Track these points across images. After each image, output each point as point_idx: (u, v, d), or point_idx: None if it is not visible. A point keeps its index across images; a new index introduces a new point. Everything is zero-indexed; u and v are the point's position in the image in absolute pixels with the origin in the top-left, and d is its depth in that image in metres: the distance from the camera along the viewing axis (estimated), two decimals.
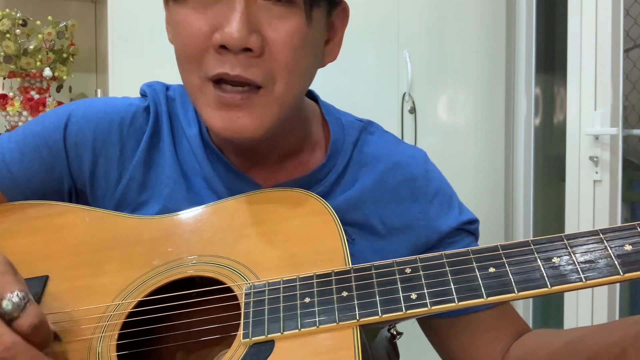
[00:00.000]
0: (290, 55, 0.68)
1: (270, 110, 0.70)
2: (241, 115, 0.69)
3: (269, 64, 0.68)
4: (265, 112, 0.70)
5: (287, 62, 0.68)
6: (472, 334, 0.82)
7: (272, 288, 0.66)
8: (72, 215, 0.80)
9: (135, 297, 0.70)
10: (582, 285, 0.58)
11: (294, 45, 0.68)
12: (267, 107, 0.70)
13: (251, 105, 0.69)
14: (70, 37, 2.01)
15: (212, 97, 0.70)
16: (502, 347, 0.81)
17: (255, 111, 0.69)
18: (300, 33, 0.68)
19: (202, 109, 0.71)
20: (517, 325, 0.83)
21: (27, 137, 0.82)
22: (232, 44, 0.66)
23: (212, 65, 0.68)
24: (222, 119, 0.69)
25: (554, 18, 2.50)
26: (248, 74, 0.67)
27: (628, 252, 0.58)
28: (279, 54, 0.68)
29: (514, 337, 0.82)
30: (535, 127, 2.48)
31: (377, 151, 0.85)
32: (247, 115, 0.69)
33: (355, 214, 0.81)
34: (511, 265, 0.61)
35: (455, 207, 0.85)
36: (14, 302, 0.59)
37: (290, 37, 0.68)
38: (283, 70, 0.69)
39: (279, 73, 0.69)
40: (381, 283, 0.63)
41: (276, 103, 0.70)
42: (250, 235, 0.73)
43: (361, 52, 2.24)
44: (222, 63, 0.67)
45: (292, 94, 0.71)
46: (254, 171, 0.81)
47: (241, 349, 0.62)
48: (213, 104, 0.70)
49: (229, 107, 0.69)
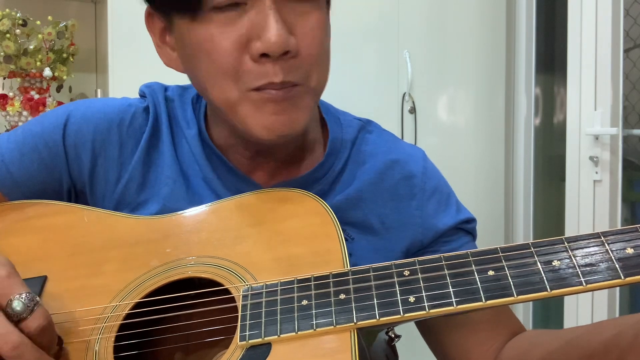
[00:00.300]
0: (319, 48, 0.70)
1: (309, 102, 0.72)
2: (291, 112, 0.70)
3: (304, 60, 0.69)
4: (306, 104, 0.72)
5: (318, 55, 0.70)
6: (467, 333, 0.81)
7: (270, 290, 0.66)
8: (71, 215, 0.79)
9: (134, 298, 0.70)
10: (583, 289, 0.57)
11: (321, 37, 0.70)
12: (305, 99, 0.71)
13: (295, 99, 0.70)
14: (70, 37, 2.01)
15: (259, 100, 0.69)
16: (496, 346, 0.81)
17: (299, 104, 0.71)
18: (323, 24, 0.70)
19: (248, 117, 0.70)
20: (512, 325, 0.83)
21: (27, 138, 0.82)
22: (275, 49, 0.66)
23: (253, 77, 0.68)
24: (273, 116, 0.69)
25: (554, 18, 2.49)
26: (290, 77, 0.68)
27: (630, 255, 0.57)
28: (310, 48, 0.69)
29: (509, 337, 0.81)
30: (535, 127, 2.48)
31: (375, 149, 0.85)
32: (293, 109, 0.70)
33: (354, 213, 0.81)
34: (510, 269, 0.60)
35: (452, 205, 0.85)
36: (24, 302, 0.60)
37: (316, 31, 0.69)
38: (315, 63, 0.70)
39: (312, 67, 0.70)
40: (379, 286, 0.63)
41: (312, 95, 0.72)
42: (248, 236, 0.73)
43: (361, 52, 2.24)
44: (265, 72, 0.67)
45: (323, 84, 0.74)
46: (253, 171, 0.81)
47: (238, 352, 0.62)
48: (262, 107, 0.69)
49: (280, 105, 0.69)
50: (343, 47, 2.17)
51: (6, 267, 0.63)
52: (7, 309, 0.60)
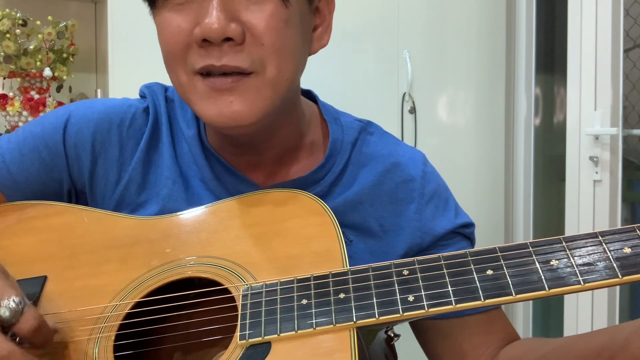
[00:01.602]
0: (274, 37, 0.68)
1: (264, 94, 0.70)
2: (234, 99, 0.69)
3: (254, 49, 0.68)
4: (259, 95, 0.69)
5: (272, 44, 0.68)
6: (461, 337, 0.81)
7: (269, 289, 0.66)
8: (70, 215, 0.80)
9: (133, 298, 0.70)
10: (581, 288, 0.57)
11: (276, 26, 0.68)
12: (260, 90, 0.69)
13: (244, 89, 0.69)
14: (70, 37, 2.01)
15: (203, 88, 0.70)
16: (490, 352, 0.81)
17: (248, 95, 0.69)
18: (279, 14, 0.68)
19: (195, 103, 0.71)
20: (506, 330, 0.83)
21: (27, 138, 0.82)
22: (213, 34, 0.66)
23: (196, 60, 0.68)
24: (215, 105, 0.69)
25: (554, 18, 2.49)
26: (234, 61, 0.67)
27: (627, 254, 0.58)
28: (263, 37, 0.68)
29: (503, 343, 0.81)
30: (535, 127, 2.48)
31: (376, 152, 0.85)
32: (239, 99, 0.69)
33: (353, 215, 0.81)
34: (509, 268, 0.60)
35: (451, 209, 0.85)
36: (11, 308, 0.60)
37: (269, 20, 0.68)
38: (271, 53, 0.69)
39: (267, 56, 0.69)
40: (378, 285, 0.63)
41: (269, 86, 0.70)
42: (248, 236, 0.73)
43: (361, 52, 2.24)
44: (207, 56, 0.68)
45: (285, 77, 0.71)
46: (252, 172, 0.81)
47: (238, 351, 0.62)
48: (205, 94, 0.70)
49: (220, 92, 0.69)
50: (343, 47, 2.17)
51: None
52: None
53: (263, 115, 0.71)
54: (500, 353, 0.80)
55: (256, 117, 0.70)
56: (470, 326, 0.81)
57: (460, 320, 0.81)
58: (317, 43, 0.78)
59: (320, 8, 0.77)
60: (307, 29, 0.75)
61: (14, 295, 0.61)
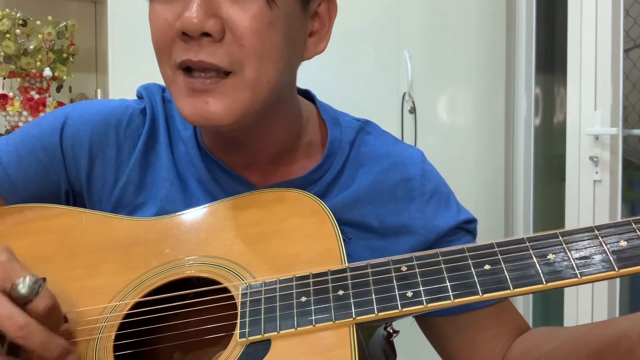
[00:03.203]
0: (254, 39, 0.67)
1: (242, 95, 0.69)
2: (210, 101, 0.69)
3: (234, 49, 0.67)
4: (236, 97, 0.69)
5: (252, 45, 0.67)
6: (472, 331, 0.81)
7: (269, 288, 0.66)
8: (69, 217, 0.80)
9: (133, 298, 0.70)
10: (577, 281, 0.58)
11: (257, 28, 0.67)
12: (237, 91, 0.69)
13: (221, 91, 0.69)
14: (70, 37, 2.01)
15: (182, 85, 0.70)
16: (502, 344, 0.81)
17: (225, 96, 0.69)
18: (262, 16, 0.67)
19: (176, 98, 0.71)
20: (517, 322, 0.83)
21: (25, 140, 0.82)
22: (190, 28, 0.66)
23: (178, 53, 0.69)
24: (192, 105, 0.69)
25: (554, 18, 2.50)
26: (211, 58, 0.67)
27: (623, 247, 0.58)
28: (243, 38, 0.67)
29: (515, 335, 0.82)
30: (535, 127, 2.48)
31: (374, 151, 0.85)
32: (216, 100, 0.69)
33: (352, 213, 0.81)
34: (506, 262, 0.61)
35: (453, 206, 0.85)
36: (29, 285, 0.61)
37: (252, 21, 0.67)
38: (250, 55, 0.68)
39: (246, 58, 0.68)
40: (377, 281, 0.63)
41: (247, 88, 0.69)
42: (246, 236, 0.73)
43: (361, 52, 2.24)
44: (187, 50, 0.68)
45: (265, 80, 0.70)
46: (248, 172, 0.81)
47: (238, 349, 0.62)
48: (184, 92, 0.70)
49: (197, 92, 0.69)
50: (343, 47, 2.17)
51: (6, 253, 0.64)
52: (13, 293, 0.61)
53: (240, 117, 0.70)
54: (513, 345, 0.80)
55: (233, 118, 0.69)
56: (481, 319, 0.81)
57: (470, 314, 0.81)
58: (312, 49, 0.77)
59: (320, 13, 0.76)
60: (297, 33, 0.73)
61: (29, 274, 0.62)
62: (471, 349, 0.82)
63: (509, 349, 0.80)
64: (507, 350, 0.80)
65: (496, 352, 0.81)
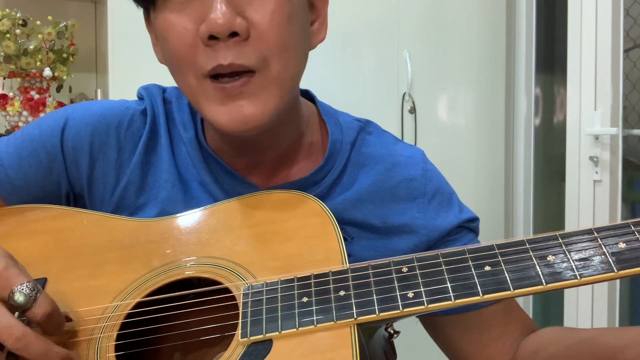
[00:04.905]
0: (278, 33, 0.68)
1: (271, 92, 0.69)
2: (245, 104, 0.68)
3: (259, 46, 0.67)
4: (267, 95, 0.69)
5: (276, 40, 0.68)
6: (479, 330, 0.82)
7: (270, 288, 0.66)
8: (70, 218, 0.80)
9: (134, 299, 0.70)
10: (577, 282, 0.58)
11: (280, 22, 0.68)
12: (267, 89, 0.69)
13: (251, 91, 0.68)
14: (70, 37, 2.01)
15: (213, 93, 0.69)
16: (510, 342, 0.81)
17: (256, 96, 0.69)
18: (283, 9, 0.68)
19: (206, 108, 0.70)
20: (523, 320, 0.83)
21: (25, 141, 0.82)
22: (219, 29, 0.65)
23: (205, 61, 0.68)
24: (228, 111, 0.69)
25: (554, 18, 2.50)
26: (240, 59, 0.67)
27: (622, 249, 0.59)
28: (267, 34, 0.67)
29: (522, 334, 0.82)
30: (535, 127, 2.48)
31: (375, 152, 0.85)
32: (250, 102, 0.68)
33: (354, 212, 0.81)
34: (507, 264, 0.61)
35: (455, 205, 0.85)
36: (25, 293, 0.61)
37: (273, 15, 0.67)
38: (275, 49, 0.68)
39: (271, 53, 0.68)
40: (378, 282, 0.63)
41: (275, 83, 0.69)
42: (247, 237, 0.73)
43: (361, 52, 2.24)
44: (214, 56, 0.67)
45: (289, 73, 0.70)
46: (251, 174, 0.81)
47: (239, 349, 0.62)
48: (216, 100, 0.69)
49: (232, 98, 0.68)
50: (343, 47, 2.18)
51: (4, 260, 0.63)
52: (10, 302, 0.60)
53: (275, 114, 0.70)
54: (522, 343, 0.81)
55: (269, 117, 0.70)
56: (488, 318, 0.81)
57: (476, 313, 0.81)
58: (315, 38, 0.77)
59: (315, 3, 0.77)
60: (307, 24, 0.74)
61: (26, 281, 0.61)
62: (479, 347, 0.82)
63: (518, 348, 0.80)
64: (516, 349, 0.81)
65: (504, 350, 0.81)
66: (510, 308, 0.83)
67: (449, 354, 0.86)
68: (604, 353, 0.68)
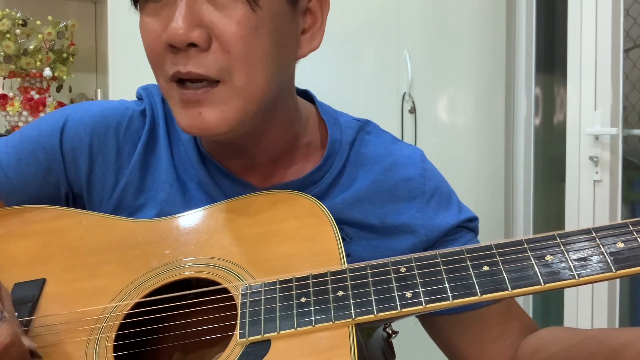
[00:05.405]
0: (241, 45, 0.67)
1: (234, 103, 0.69)
2: (203, 111, 0.69)
3: (220, 57, 0.67)
4: (229, 105, 0.69)
5: (239, 52, 0.67)
6: (479, 330, 0.82)
7: (268, 288, 0.66)
8: (69, 218, 0.80)
9: (133, 299, 0.70)
10: (575, 282, 0.58)
11: (243, 34, 0.67)
12: (229, 100, 0.69)
13: (212, 100, 0.68)
14: (70, 37, 2.01)
15: (177, 97, 0.70)
16: (511, 341, 0.81)
17: (217, 105, 0.69)
18: (247, 21, 0.67)
19: (172, 110, 0.72)
20: (523, 320, 0.83)
21: (24, 142, 0.82)
22: (176, 40, 0.66)
23: (168, 66, 0.69)
24: (187, 116, 0.69)
25: (554, 18, 2.50)
26: (199, 69, 0.67)
27: (620, 249, 0.59)
28: (229, 45, 0.67)
29: (522, 332, 0.82)
30: (535, 127, 2.48)
31: (374, 151, 0.85)
32: (208, 110, 0.69)
33: (352, 212, 0.81)
34: (505, 264, 0.61)
35: (454, 205, 0.85)
36: None
37: (236, 27, 0.66)
38: (238, 61, 0.67)
39: (234, 65, 0.67)
40: (376, 282, 0.63)
41: (239, 95, 0.69)
42: (246, 237, 0.73)
43: (361, 52, 2.24)
44: (176, 62, 0.68)
45: (255, 85, 0.69)
46: (249, 174, 0.81)
47: (238, 349, 0.62)
48: (179, 104, 0.70)
49: (191, 103, 0.69)
50: (343, 47, 2.17)
51: None
52: None
53: (235, 124, 0.70)
54: (522, 343, 0.80)
55: (228, 126, 0.69)
56: (487, 318, 0.81)
57: (476, 313, 0.81)
58: (306, 46, 0.76)
59: (312, 9, 0.75)
60: (287, 33, 0.72)
61: None
62: (478, 347, 0.82)
63: (518, 347, 0.80)
64: (516, 348, 0.80)
65: (504, 350, 0.81)
66: (510, 307, 0.83)
67: (448, 353, 0.86)
68: (604, 352, 0.68)
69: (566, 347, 0.74)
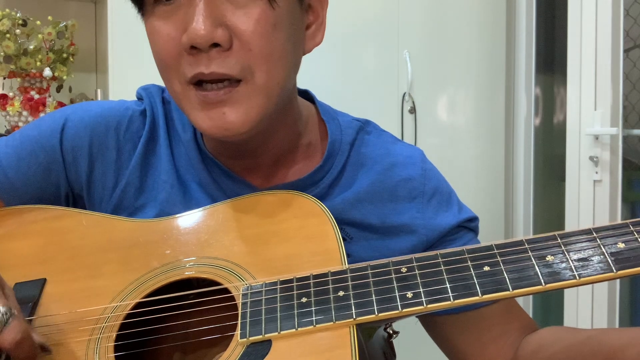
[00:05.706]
0: (262, 42, 0.67)
1: (256, 101, 0.69)
2: (227, 111, 0.68)
3: (242, 55, 0.67)
4: (251, 103, 0.69)
5: (260, 49, 0.67)
6: (479, 329, 0.82)
7: (269, 288, 0.66)
8: (69, 218, 0.80)
9: (134, 299, 0.70)
10: (576, 282, 0.58)
11: (263, 31, 0.67)
12: (251, 98, 0.69)
13: (235, 100, 0.68)
14: (70, 37, 2.01)
15: (195, 100, 0.69)
16: (511, 341, 0.81)
17: (240, 105, 0.69)
18: (267, 18, 0.67)
19: (190, 113, 0.71)
20: (523, 320, 0.83)
21: (24, 142, 0.82)
22: (199, 41, 0.65)
23: (187, 68, 0.68)
24: (209, 118, 0.69)
25: (554, 18, 2.50)
26: (223, 68, 0.67)
27: (621, 249, 0.59)
28: (250, 43, 0.67)
29: (523, 332, 0.82)
30: (535, 127, 2.48)
31: (374, 151, 0.85)
32: (232, 109, 0.69)
33: (353, 212, 0.81)
34: (505, 264, 0.61)
35: (454, 205, 0.85)
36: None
37: (257, 24, 0.67)
38: (259, 59, 0.68)
39: (255, 63, 0.68)
40: (377, 282, 0.63)
41: (261, 93, 0.69)
42: (246, 237, 0.73)
43: (361, 52, 2.24)
44: (197, 64, 0.67)
45: (275, 82, 0.70)
46: (250, 174, 0.81)
47: (238, 349, 0.62)
48: (198, 106, 0.69)
49: (213, 105, 0.69)
50: (343, 47, 2.17)
51: None
52: None
53: (257, 123, 0.70)
54: (522, 343, 0.80)
55: (250, 125, 0.70)
56: (488, 318, 0.81)
57: (476, 313, 0.81)
58: (310, 42, 0.77)
59: (313, 5, 0.76)
60: (298, 29, 0.73)
61: (1, 304, 0.60)
62: (479, 347, 0.82)
63: (518, 347, 0.80)
64: (516, 348, 0.80)
65: (504, 350, 0.81)
66: (511, 307, 0.83)
67: (448, 353, 0.86)
68: (604, 352, 0.68)
69: (566, 347, 0.74)
